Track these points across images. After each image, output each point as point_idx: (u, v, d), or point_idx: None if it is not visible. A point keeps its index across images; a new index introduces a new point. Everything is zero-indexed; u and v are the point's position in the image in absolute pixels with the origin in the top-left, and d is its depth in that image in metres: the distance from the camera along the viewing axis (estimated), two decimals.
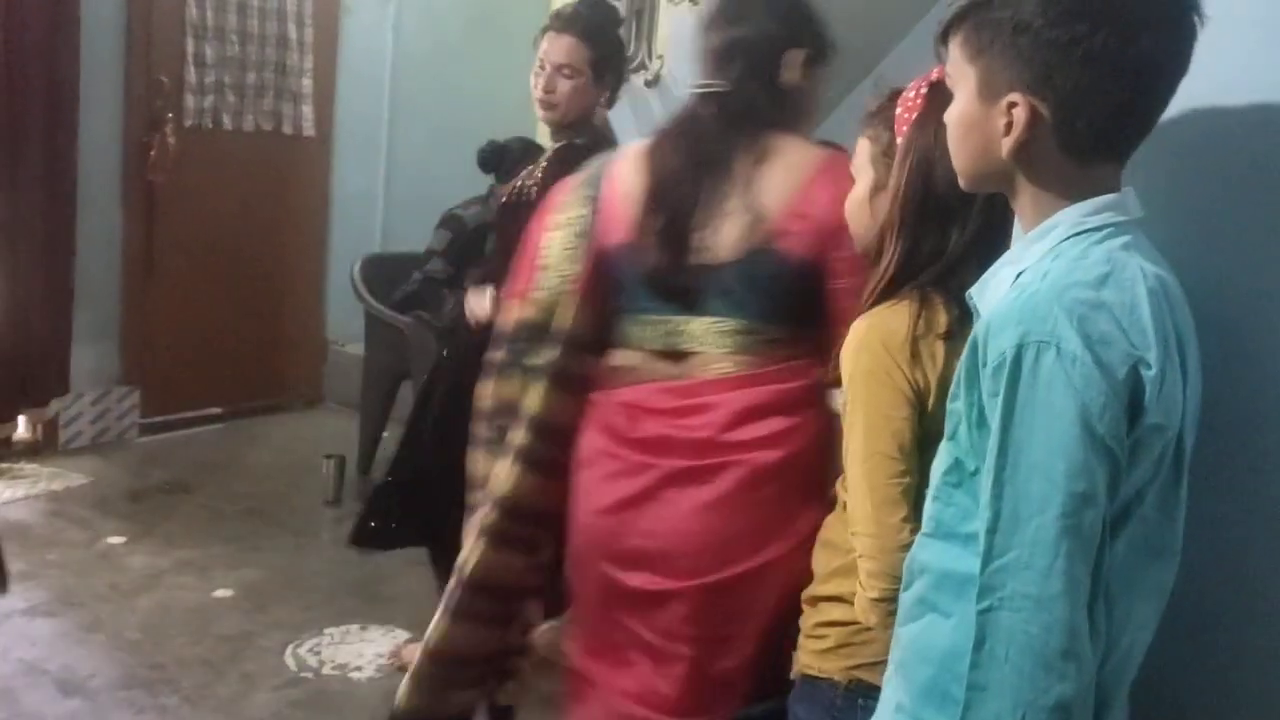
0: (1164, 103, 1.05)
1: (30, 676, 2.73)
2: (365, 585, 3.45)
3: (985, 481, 0.98)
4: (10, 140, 3.86)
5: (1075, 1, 0.99)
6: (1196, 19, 1.02)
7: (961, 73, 1.08)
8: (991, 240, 1.39)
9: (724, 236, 1.76)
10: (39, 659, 2.82)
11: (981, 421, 1.01)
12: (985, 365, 0.99)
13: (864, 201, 1.55)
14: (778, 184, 1.75)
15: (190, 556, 3.50)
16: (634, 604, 1.79)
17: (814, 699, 1.49)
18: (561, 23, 2.57)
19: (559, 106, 2.54)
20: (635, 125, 4.60)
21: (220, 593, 3.28)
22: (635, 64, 4.59)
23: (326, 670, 2.91)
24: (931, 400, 1.35)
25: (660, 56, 4.61)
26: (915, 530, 1.21)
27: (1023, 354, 0.95)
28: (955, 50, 1.09)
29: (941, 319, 1.37)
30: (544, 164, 2.59)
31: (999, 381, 0.97)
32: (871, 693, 1.37)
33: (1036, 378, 0.95)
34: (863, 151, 1.56)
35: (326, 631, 3.11)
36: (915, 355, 1.35)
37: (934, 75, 1.43)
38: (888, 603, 1.28)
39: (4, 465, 4.08)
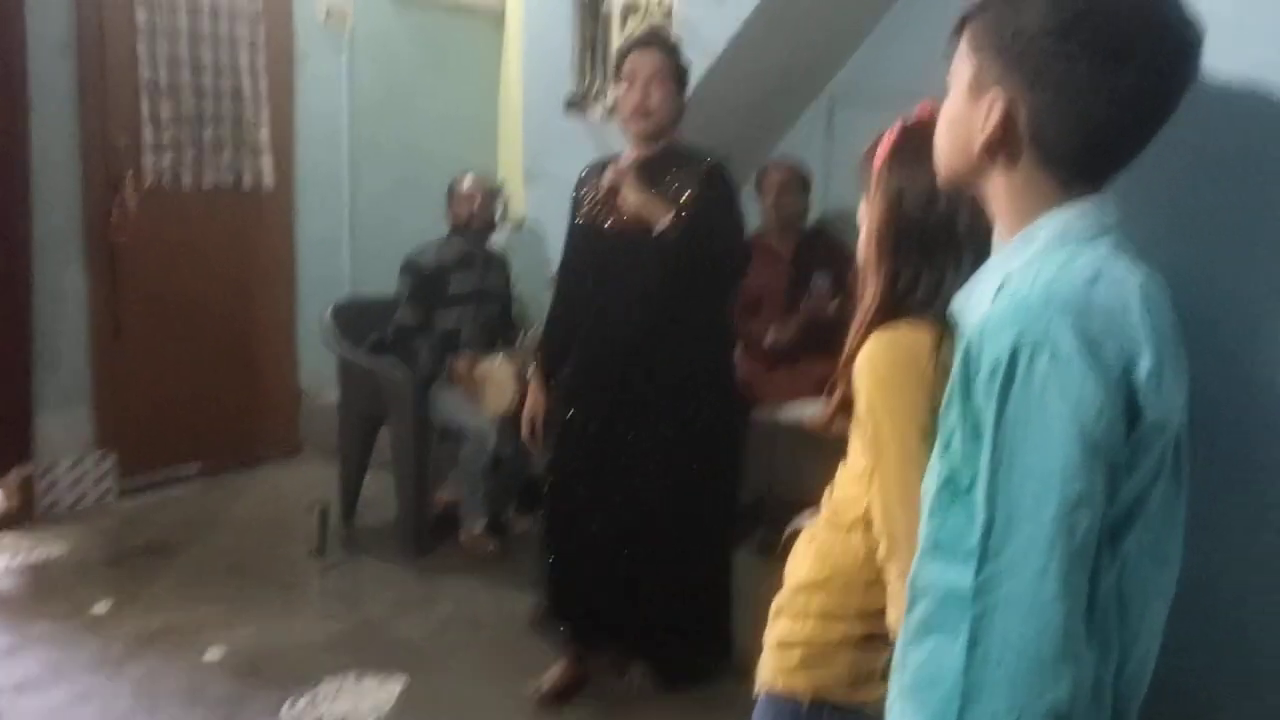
0: (1141, 140, 1.05)
1: None
2: (357, 635, 3.42)
3: (979, 486, 0.97)
4: None
5: (1074, 21, 1.00)
6: (1191, 68, 1.02)
7: (961, 66, 1.09)
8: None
9: None
10: None
11: (976, 434, 1.00)
12: (978, 373, 0.98)
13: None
14: None
15: (177, 620, 3.45)
16: None
17: (779, 714, 1.51)
18: (644, 40, 2.89)
19: (654, 114, 2.80)
20: (596, 154, 4.63)
21: (211, 654, 3.23)
22: (595, 93, 4.62)
23: None
24: None
25: None
26: None
27: (1017, 357, 0.95)
28: (963, 43, 1.09)
29: None
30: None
31: (993, 386, 0.96)
32: (835, 711, 1.43)
33: (1030, 380, 0.94)
34: (861, 205, 1.55)
35: (322, 686, 3.07)
36: (939, 370, 1.30)
37: (900, 122, 1.46)
38: None
39: None
